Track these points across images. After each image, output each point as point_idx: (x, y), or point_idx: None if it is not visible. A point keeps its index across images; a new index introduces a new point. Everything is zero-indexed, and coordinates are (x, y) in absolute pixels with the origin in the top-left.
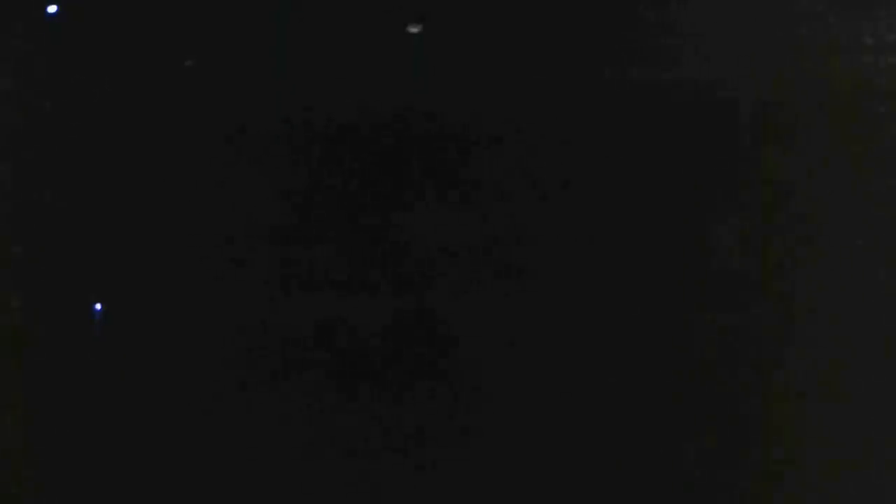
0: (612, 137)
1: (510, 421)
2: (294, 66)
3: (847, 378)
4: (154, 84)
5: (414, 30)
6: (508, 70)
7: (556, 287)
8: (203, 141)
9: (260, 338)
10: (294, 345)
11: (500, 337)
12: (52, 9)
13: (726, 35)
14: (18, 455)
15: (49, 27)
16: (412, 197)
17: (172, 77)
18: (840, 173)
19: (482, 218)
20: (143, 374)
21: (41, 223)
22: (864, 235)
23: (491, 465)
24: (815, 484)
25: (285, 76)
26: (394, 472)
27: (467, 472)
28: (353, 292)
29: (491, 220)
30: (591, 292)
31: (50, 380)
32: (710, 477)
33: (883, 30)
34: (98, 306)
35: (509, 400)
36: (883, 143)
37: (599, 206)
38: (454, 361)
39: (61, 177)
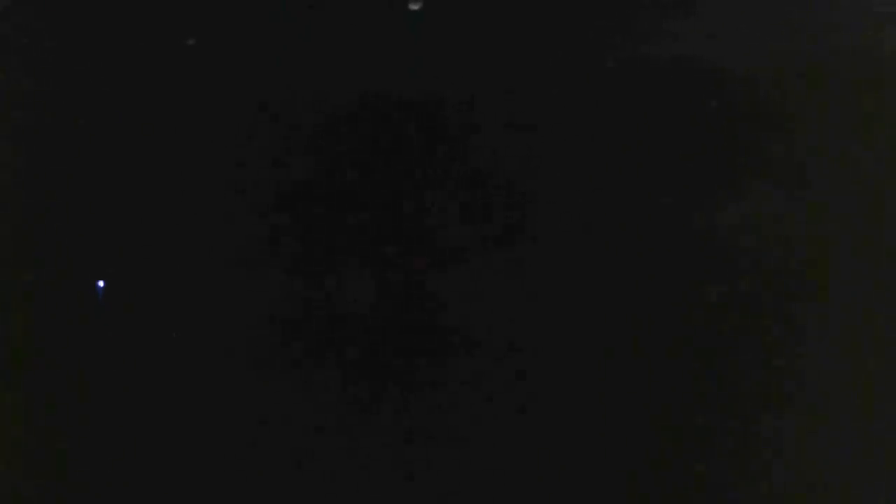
0: (614, 117)
1: (518, 411)
2: (297, 45)
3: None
4: (155, 62)
5: (415, 7)
6: (509, 50)
7: (567, 273)
8: (206, 120)
9: (265, 321)
10: (299, 327)
11: (507, 323)
12: None
13: (730, 12)
14: (21, 441)
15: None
16: (417, 180)
17: (174, 56)
18: (844, 153)
19: (490, 201)
20: (144, 359)
21: (41, 207)
22: (866, 218)
23: (498, 457)
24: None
25: (289, 54)
26: (396, 459)
27: (473, 460)
28: (358, 275)
29: (499, 203)
30: (601, 279)
31: (53, 362)
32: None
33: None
34: (101, 283)
35: (520, 391)
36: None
37: (603, 190)
38: (458, 349)
39: (62, 159)
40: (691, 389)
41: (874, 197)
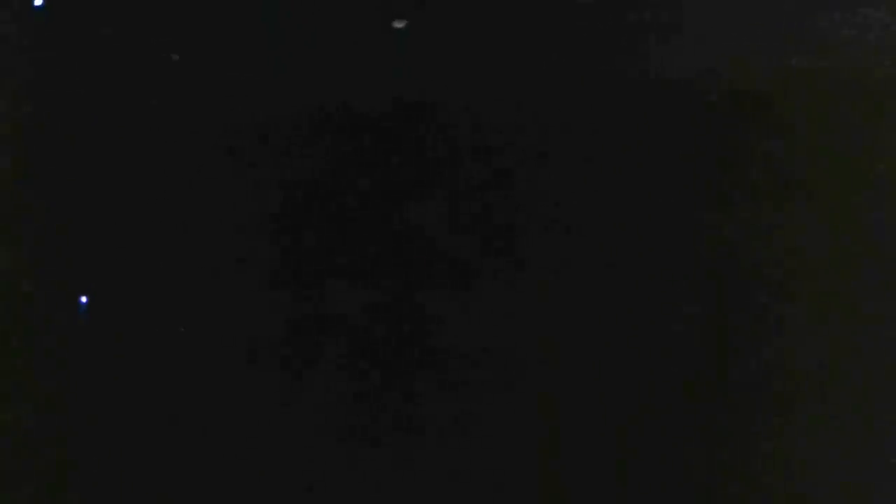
0: (608, 133)
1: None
2: (284, 58)
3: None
4: (141, 78)
5: (399, 25)
6: (503, 63)
7: (560, 283)
8: (192, 135)
9: (257, 330)
10: (293, 337)
11: (501, 331)
12: (38, 1)
13: (721, 28)
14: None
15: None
16: (409, 191)
17: (159, 72)
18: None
19: (482, 212)
20: (134, 370)
21: (29, 220)
22: (864, 231)
23: (491, 459)
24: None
25: (274, 68)
26: (392, 463)
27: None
28: (351, 284)
29: (492, 215)
30: (595, 291)
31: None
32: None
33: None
34: (84, 299)
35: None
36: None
37: (599, 202)
38: (453, 355)
39: (49, 172)
40: (694, 403)
41: (871, 208)
